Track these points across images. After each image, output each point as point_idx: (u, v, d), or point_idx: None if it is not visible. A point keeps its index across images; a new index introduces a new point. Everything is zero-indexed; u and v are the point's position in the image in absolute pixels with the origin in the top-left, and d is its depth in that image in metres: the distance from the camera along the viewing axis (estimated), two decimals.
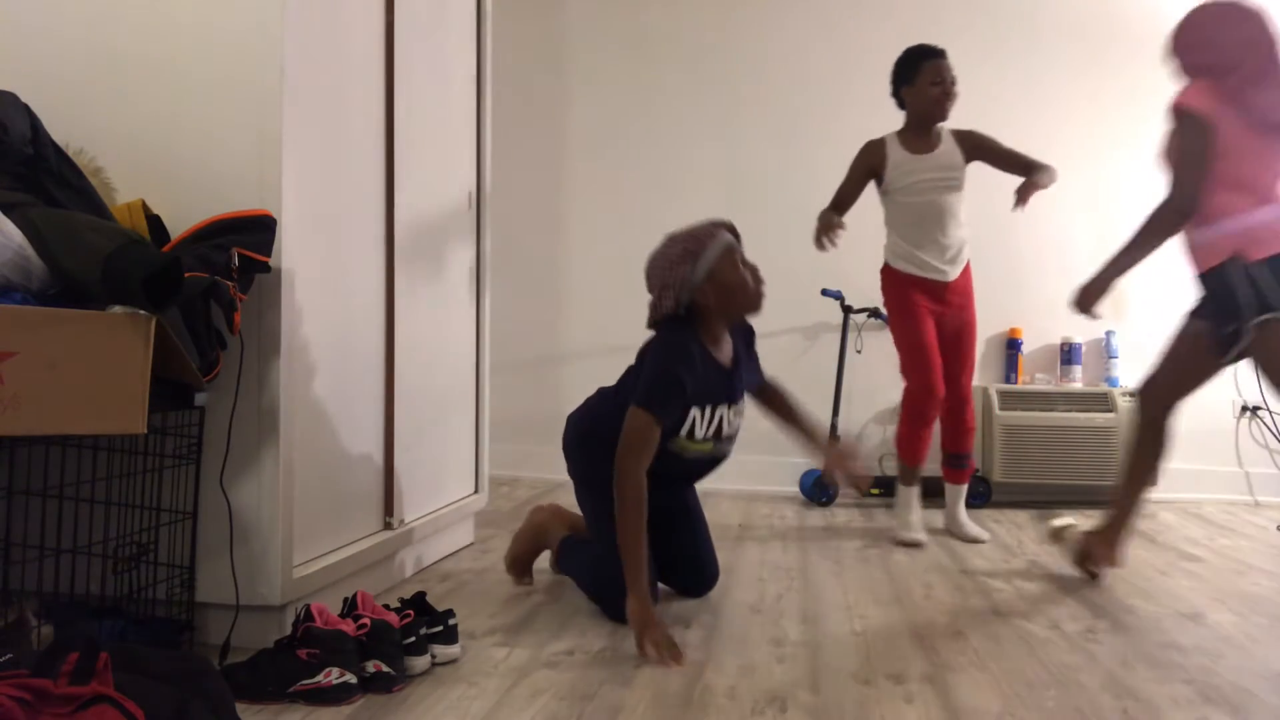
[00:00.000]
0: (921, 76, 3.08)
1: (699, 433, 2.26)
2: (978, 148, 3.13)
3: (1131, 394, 4.13)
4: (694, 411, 2.23)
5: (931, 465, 3.53)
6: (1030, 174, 3.09)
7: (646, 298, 4.76)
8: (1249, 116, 2.32)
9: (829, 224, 3.04)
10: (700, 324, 2.28)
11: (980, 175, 4.43)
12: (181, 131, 2.00)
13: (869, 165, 3.18)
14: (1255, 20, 2.33)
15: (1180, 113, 2.37)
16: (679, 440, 2.25)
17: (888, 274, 3.28)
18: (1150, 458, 2.67)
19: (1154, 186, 4.35)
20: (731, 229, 2.29)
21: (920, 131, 3.11)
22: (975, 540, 3.28)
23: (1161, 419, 2.65)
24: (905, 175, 3.09)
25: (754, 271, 2.27)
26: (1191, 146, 2.33)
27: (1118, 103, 4.42)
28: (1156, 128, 4.36)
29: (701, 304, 2.24)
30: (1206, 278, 2.45)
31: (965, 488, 3.41)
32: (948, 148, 3.12)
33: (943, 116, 3.05)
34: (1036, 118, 4.45)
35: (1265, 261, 2.30)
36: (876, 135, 3.33)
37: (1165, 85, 4.35)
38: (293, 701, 1.73)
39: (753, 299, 2.26)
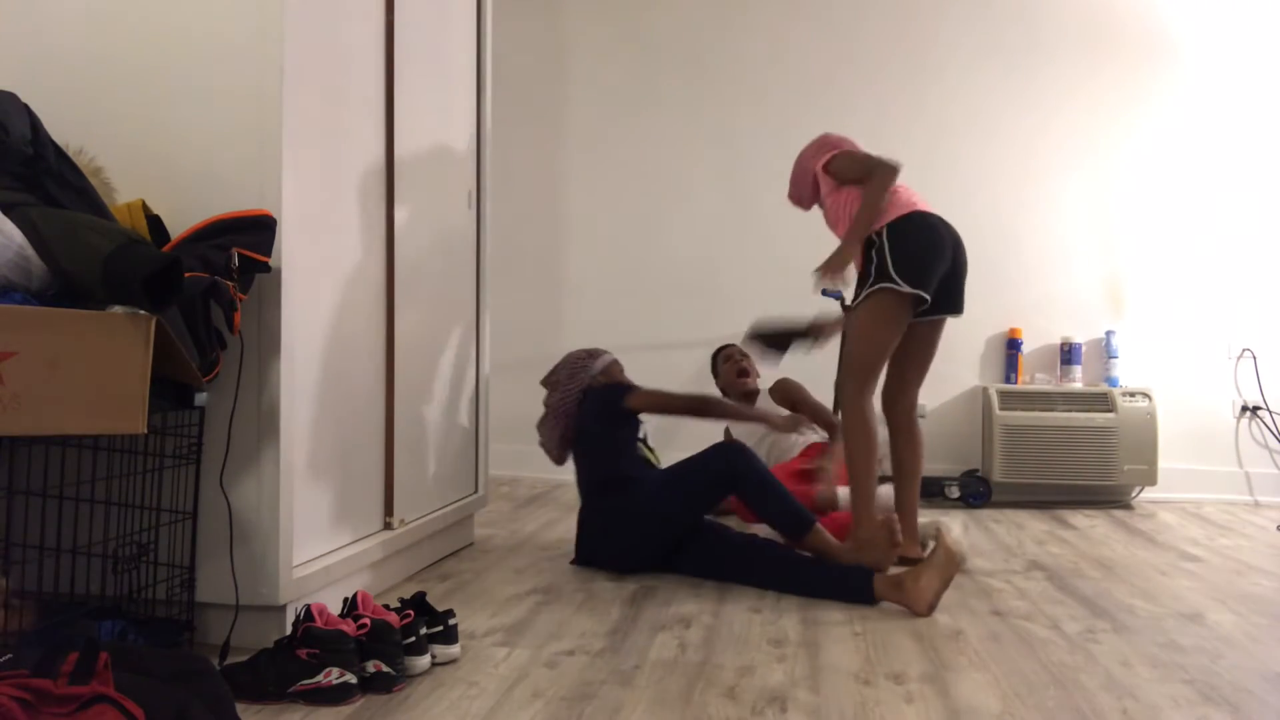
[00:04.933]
0: (720, 367, 3.77)
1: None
2: (786, 393, 3.71)
3: (1131, 394, 4.14)
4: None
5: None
6: (830, 434, 3.60)
7: (646, 298, 4.80)
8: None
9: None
10: None
11: (980, 174, 4.44)
12: (182, 131, 2.00)
13: None
14: (809, 146, 2.99)
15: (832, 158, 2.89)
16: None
17: None
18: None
19: (1153, 185, 4.39)
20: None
21: (744, 402, 3.70)
22: None
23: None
24: (743, 438, 3.64)
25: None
26: (854, 161, 2.84)
27: (1116, 101, 4.42)
28: (1155, 127, 4.40)
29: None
30: None
31: None
32: (759, 403, 3.71)
33: (747, 385, 3.72)
34: (1036, 117, 4.45)
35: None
36: (876, 133, 3.36)
37: (1163, 85, 4.40)
38: (293, 701, 1.73)
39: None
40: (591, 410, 2.92)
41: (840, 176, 2.85)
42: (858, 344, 2.74)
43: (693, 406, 2.91)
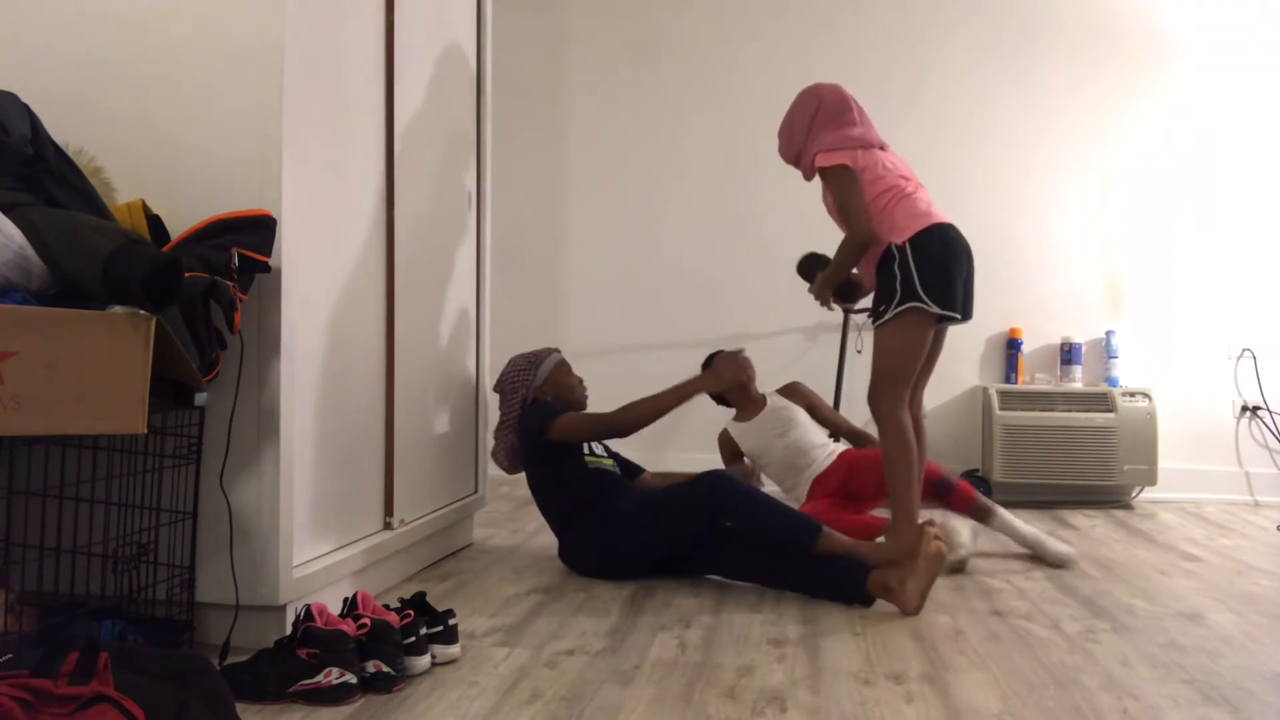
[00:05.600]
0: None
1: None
2: (799, 395, 3.51)
3: (1131, 394, 4.13)
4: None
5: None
6: (852, 441, 3.48)
7: (646, 298, 4.78)
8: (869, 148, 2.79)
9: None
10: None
11: (979, 174, 4.44)
12: (182, 131, 2.00)
13: (732, 451, 3.48)
14: (802, 101, 2.88)
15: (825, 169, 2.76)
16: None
17: None
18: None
19: (1153, 185, 4.39)
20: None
21: (746, 406, 3.42)
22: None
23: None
24: (753, 440, 3.41)
25: (580, 380, 3.05)
26: (849, 190, 2.71)
27: (1116, 101, 4.42)
28: (1155, 126, 4.40)
29: (541, 400, 2.98)
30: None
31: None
32: (772, 402, 3.43)
33: (749, 387, 3.39)
34: (1034, 116, 4.45)
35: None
36: (876, 130, 3.32)
37: (1163, 84, 4.40)
38: (293, 701, 1.73)
39: (579, 398, 3.01)
40: (524, 447, 2.87)
41: (832, 191, 2.79)
42: (889, 360, 2.70)
43: (609, 426, 2.79)
